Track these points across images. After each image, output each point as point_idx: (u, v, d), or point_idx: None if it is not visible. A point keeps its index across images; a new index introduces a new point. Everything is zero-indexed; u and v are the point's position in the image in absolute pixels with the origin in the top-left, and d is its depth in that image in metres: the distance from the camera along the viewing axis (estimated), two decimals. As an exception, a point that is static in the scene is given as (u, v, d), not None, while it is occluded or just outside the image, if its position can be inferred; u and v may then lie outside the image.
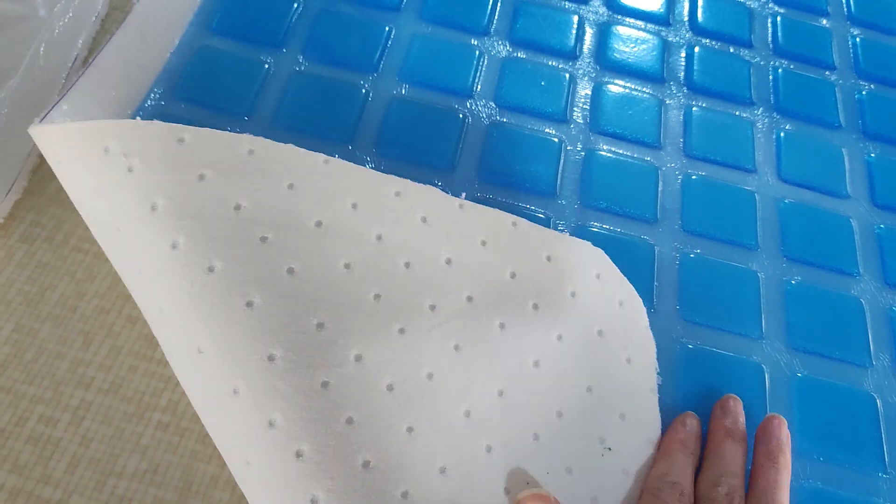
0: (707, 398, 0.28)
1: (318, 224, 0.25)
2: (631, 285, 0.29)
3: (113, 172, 0.23)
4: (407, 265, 0.25)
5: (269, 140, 0.25)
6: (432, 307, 0.25)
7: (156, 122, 0.24)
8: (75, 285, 0.28)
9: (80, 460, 0.24)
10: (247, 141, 0.25)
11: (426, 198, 0.27)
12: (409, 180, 0.27)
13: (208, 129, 0.24)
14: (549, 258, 0.27)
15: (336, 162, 0.26)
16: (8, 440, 0.24)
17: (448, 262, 0.26)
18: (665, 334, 0.28)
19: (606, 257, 0.28)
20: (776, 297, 0.31)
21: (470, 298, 0.26)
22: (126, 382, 0.26)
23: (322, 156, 0.26)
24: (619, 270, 0.28)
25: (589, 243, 0.28)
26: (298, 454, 0.21)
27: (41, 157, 0.30)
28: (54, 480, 0.24)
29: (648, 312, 0.29)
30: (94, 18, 0.34)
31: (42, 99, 0.30)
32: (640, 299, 0.28)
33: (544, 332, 0.26)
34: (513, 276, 0.27)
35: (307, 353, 0.22)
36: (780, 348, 0.30)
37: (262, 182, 0.24)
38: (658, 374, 0.28)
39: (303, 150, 0.26)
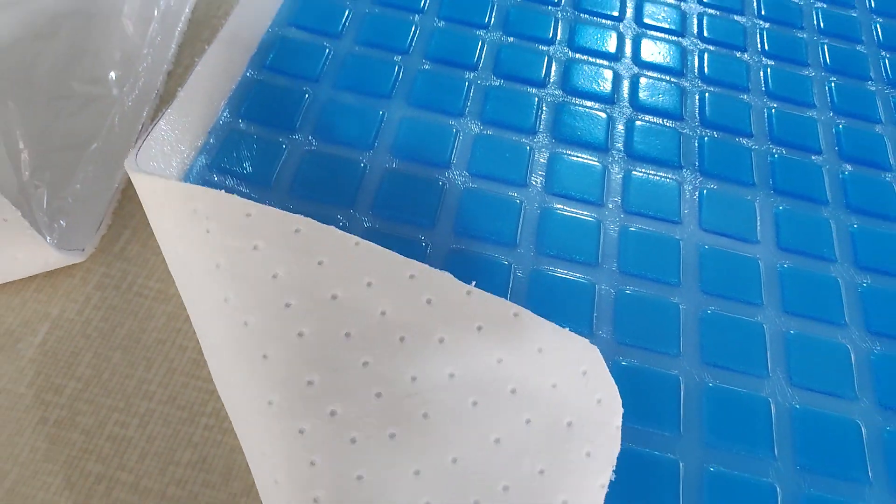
0: (634, 402, 0.36)
1: (334, 297, 0.27)
2: (615, 385, 0.30)
3: (195, 230, 0.29)
4: (402, 339, 0.27)
5: (315, 221, 0.28)
6: (413, 378, 0.27)
7: (232, 195, 0.29)
8: (138, 322, 0.36)
9: (146, 453, 0.32)
10: (296, 221, 0.28)
11: (436, 282, 0.28)
12: (426, 265, 0.28)
13: (268, 207, 0.29)
14: (540, 350, 0.29)
15: (364, 244, 0.28)
16: (92, 439, 0.32)
17: (441, 340, 0.28)
18: (603, 353, 0.36)
19: (599, 356, 0.30)
20: (693, 323, 0.39)
21: (452, 375, 0.28)
22: (180, 395, 0.34)
23: (354, 238, 0.28)
24: (608, 370, 0.30)
25: (586, 341, 0.30)
26: (275, 482, 0.26)
27: (111, 218, 0.38)
28: (128, 468, 0.32)
29: (590, 339, 0.36)
30: (154, 96, 0.43)
31: (118, 158, 0.39)
32: (620, 400, 0.30)
33: (514, 414, 0.28)
34: (499, 361, 0.28)
35: (295, 404, 0.26)
36: (696, 363, 0.38)
37: (299, 257, 0.27)
38: (613, 471, 0.29)
39: (339, 231, 0.28)
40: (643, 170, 0.44)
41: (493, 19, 0.51)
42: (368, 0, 0.50)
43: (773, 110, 0.49)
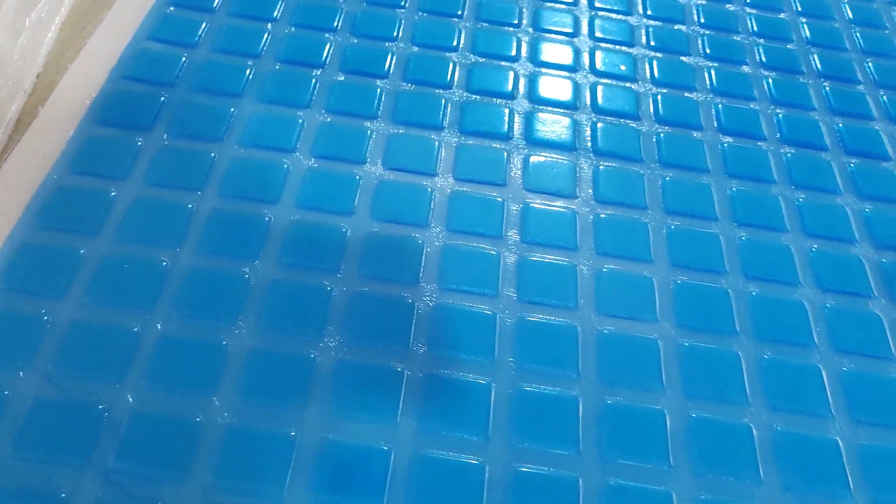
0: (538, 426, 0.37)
1: None
2: None
3: None
4: None
5: None
6: None
7: None
8: None
9: None
10: None
11: None
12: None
13: None
14: None
15: None
16: None
17: None
18: (505, 377, 0.37)
19: None
20: (592, 344, 0.40)
21: None
22: None
23: None
24: None
25: None
26: None
27: None
28: None
29: (492, 363, 0.37)
30: (22, 93, 0.45)
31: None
32: None
33: None
34: None
35: None
36: (596, 384, 0.39)
37: None
38: None
39: None
40: (540, 202, 0.46)
41: (392, 68, 0.53)
42: (208, 48, 0.52)
43: (662, 135, 0.52)
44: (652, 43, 0.58)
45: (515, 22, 0.58)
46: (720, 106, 0.54)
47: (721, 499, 0.36)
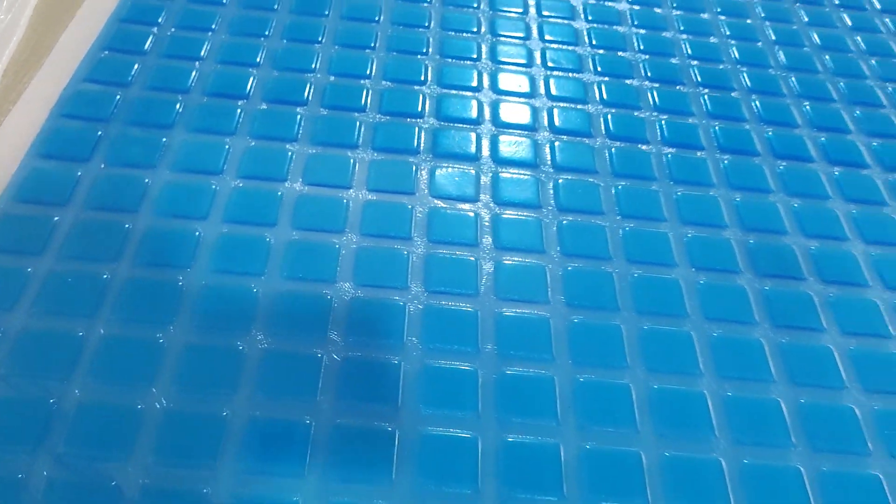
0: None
1: None
2: None
3: None
4: None
5: None
6: None
7: None
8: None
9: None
10: None
11: None
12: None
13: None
14: None
15: None
16: None
17: None
18: (409, 423, 0.42)
19: None
20: (490, 386, 0.46)
21: None
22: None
23: None
24: None
25: None
26: None
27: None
28: None
29: (395, 411, 0.42)
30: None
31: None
32: None
33: None
34: None
35: None
36: (493, 419, 0.44)
37: None
38: None
39: None
40: (443, 250, 0.50)
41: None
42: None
43: (561, 181, 0.57)
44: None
45: (425, 50, 0.64)
46: (613, 150, 0.60)
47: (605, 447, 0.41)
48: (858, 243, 0.54)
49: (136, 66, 0.58)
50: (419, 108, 0.59)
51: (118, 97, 0.56)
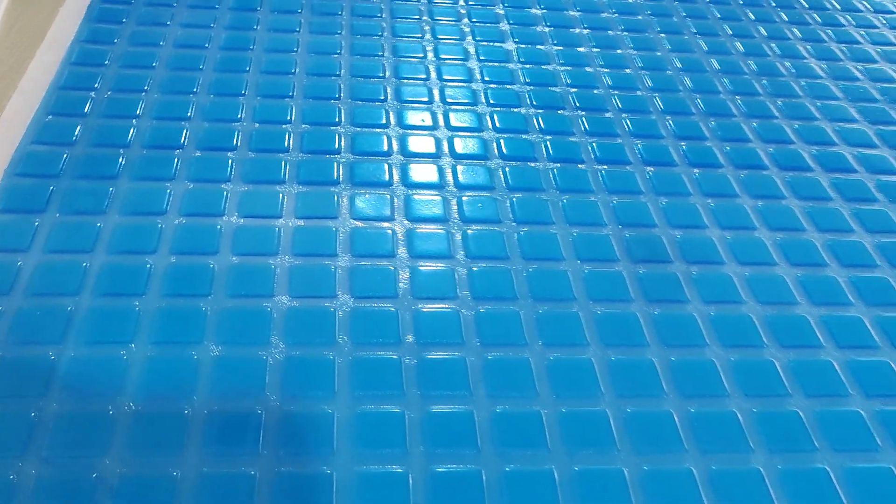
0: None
1: None
2: None
3: None
4: None
5: None
6: None
7: None
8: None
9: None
10: None
11: None
12: None
13: None
14: None
15: None
16: None
17: None
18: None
19: None
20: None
21: None
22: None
23: None
24: None
25: None
26: None
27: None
28: None
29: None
30: None
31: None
32: None
33: None
34: None
35: None
36: (417, 395, 0.52)
37: None
38: None
39: None
40: (365, 262, 0.60)
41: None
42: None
43: (464, 198, 0.67)
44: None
45: (338, 95, 0.73)
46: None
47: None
48: (716, 230, 0.64)
49: (78, 127, 0.65)
50: (336, 146, 0.67)
51: (65, 155, 0.62)
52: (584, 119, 0.74)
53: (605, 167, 0.69)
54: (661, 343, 0.55)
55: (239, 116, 0.69)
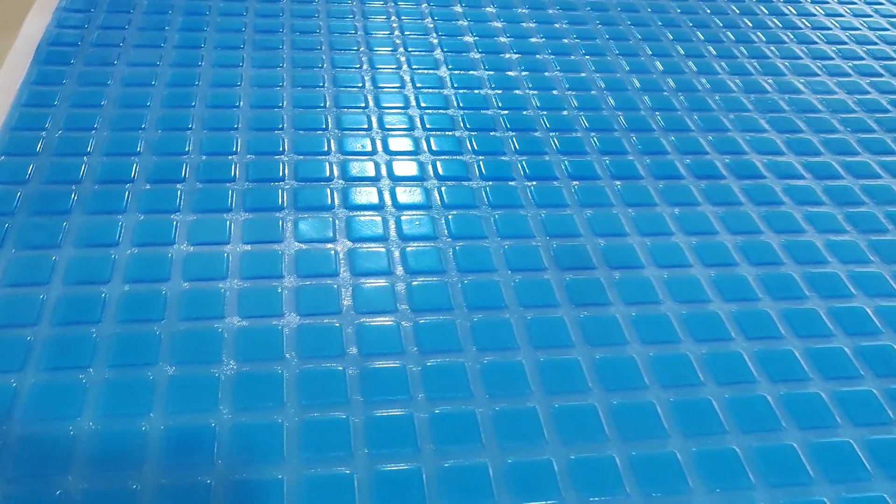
0: (315, 390, 0.53)
1: None
2: None
3: None
4: None
5: None
6: None
7: None
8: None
9: None
10: None
11: None
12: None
13: None
14: None
15: None
16: None
17: None
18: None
19: None
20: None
21: None
22: None
23: None
24: None
25: None
26: None
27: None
28: None
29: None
30: None
31: None
32: None
33: None
34: None
35: None
36: (360, 402, 0.56)
37: None
38: None
39: None
40: (310, 282, 0.64)
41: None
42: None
43: (402, 217, 0.71)
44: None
45: (281, 126, 0.77)
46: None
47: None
48: (636, 237, 0.70)
49: (31, 166, 0.68)
50: (280, 174, 0.71)
51: (19, 193, 0.66)
52: (514, 139, 0.79)
53: (534, 183, 0.74)
54: (586, 343, 0.60)
55: (186, 149, 0.72)
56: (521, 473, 0.51)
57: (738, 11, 1.08)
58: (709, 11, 1.07)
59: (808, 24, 1.07)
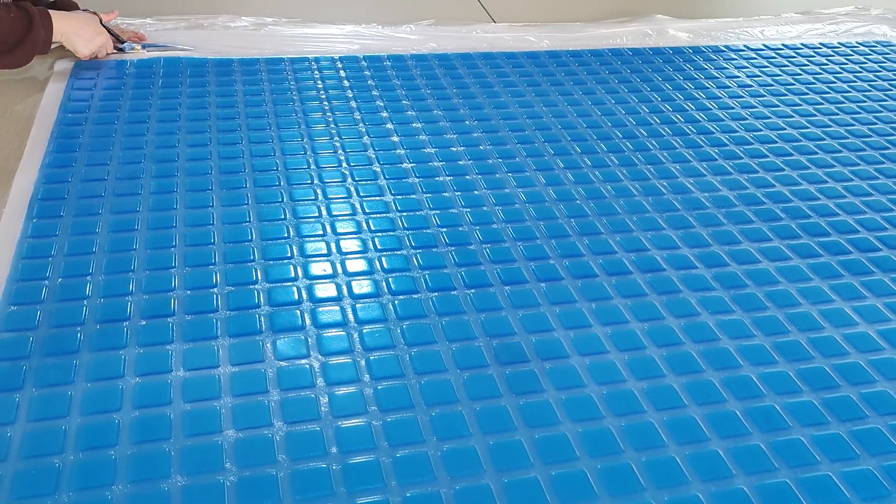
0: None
1: None
2: None
3: None
4: None
5: None
6: None
7: None
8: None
9: None
10: None
11: None
12: None
13: None
14: None
15: None
16: None
17: None
18: None
19: None
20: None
21: None
22: None
23: None
24: None
25: None
26: None
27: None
28: None
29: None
30: None
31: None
32: None
33: None
34: None
35: None
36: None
37: None
38: None
39: None
40: (292, 394, 0.75)
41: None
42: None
43: (364, 331, 0.84)
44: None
45: (251, 258, 0.89)
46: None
47: None
48: (561, 331, 0.83)
49: (39, 313, 0.79)
50: (256, 301, 0.83)
51: (31, 338, 0.76)
52: (453, 253, 0.93)
53: (473, 291, 0.88)
54: (526, 426, 0.72)
55: (173, 286, 0.84)
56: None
57: (634, 122, 1.26)
58: (610, 125, 1.25)
59: (694, 130, 1.25)
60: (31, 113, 1.13)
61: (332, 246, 0.93)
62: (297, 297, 0.84)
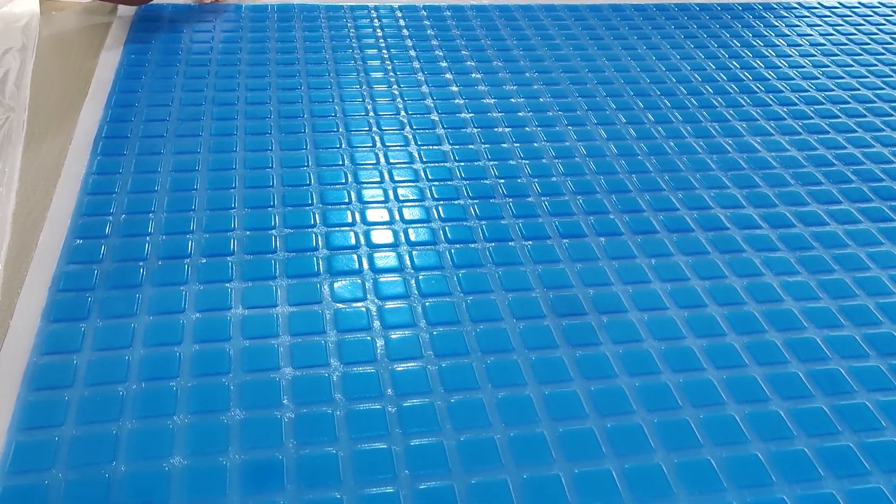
0: (361, 426, 0.65)
1: None
2: None
3: None
4: None
5: None
6: None
7: None
8: None
9: None
10: None
11: None
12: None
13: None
14: None
15: None
16: None
17: None
18: None
19: None
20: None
21: None
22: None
23: None
24: None
25: None
26: None
27: None
28: None
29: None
30: None
31: None
32: None
33: None
34: None
35: None
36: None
37: None
38: None
39: None
40: (349, 336, 0.76)
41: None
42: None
43: (420, 277, 0.83)
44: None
45: (309, 202, 0.89)
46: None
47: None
48: (619, 285, 0.82)
49: (103, 247, 0.80)
50: (314, 244, 0.84)
51: (96, 271, 0.77)
52: (511, 204, 0.92)
53: (531, 243, 0.87)
54: (582, 377, 0.72)
55: (232, 226, 0.85)
56: (531, 489, 0.62)
57: (700, 79, 1.22)
58: (674, 80, 1.21)
59: (762, 88, 1.21)
60: (96, 52, 1.15)
61: (391, 193, 0.92)
62: (354, 241, 0.84)
